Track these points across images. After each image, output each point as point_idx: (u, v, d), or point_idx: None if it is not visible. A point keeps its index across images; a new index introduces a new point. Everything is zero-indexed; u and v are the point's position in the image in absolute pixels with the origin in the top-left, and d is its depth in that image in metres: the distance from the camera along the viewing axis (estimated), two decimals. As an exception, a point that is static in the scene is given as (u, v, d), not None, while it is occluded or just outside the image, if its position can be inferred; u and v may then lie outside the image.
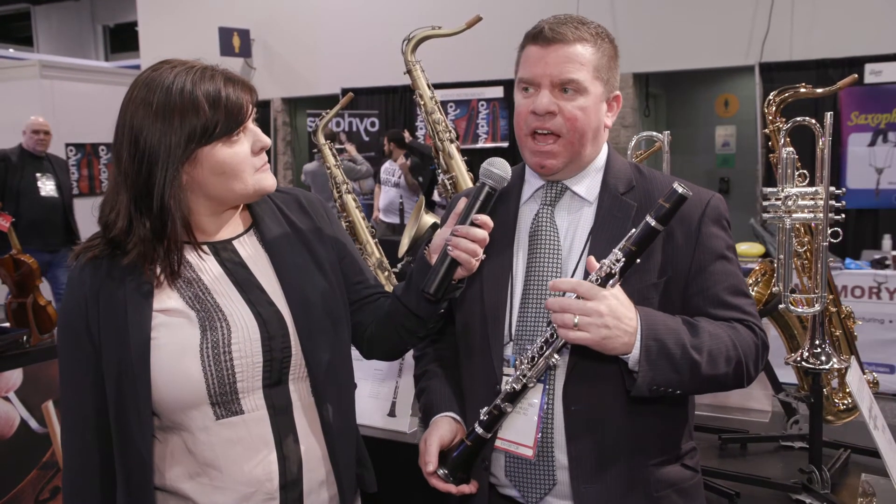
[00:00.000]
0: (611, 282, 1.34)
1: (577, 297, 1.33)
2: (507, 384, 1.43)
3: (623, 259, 1.34)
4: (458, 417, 1.57)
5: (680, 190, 1.32)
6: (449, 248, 1.39)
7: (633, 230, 1.36)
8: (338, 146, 8.14)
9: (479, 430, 1.46)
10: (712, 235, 1.48)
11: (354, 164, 8.20)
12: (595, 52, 1.46)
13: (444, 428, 1.54)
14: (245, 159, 1.38)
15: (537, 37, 1.47)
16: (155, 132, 1.32)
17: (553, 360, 1.39)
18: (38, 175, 6.44)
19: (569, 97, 1.45)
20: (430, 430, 1.55)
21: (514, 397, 1.43)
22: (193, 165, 1.35)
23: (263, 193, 1.45)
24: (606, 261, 1.35)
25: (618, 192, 1.51)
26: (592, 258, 1.37)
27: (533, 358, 1.40)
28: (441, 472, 1.49)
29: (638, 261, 1.36)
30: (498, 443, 1.49)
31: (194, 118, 1.32)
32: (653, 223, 1.34)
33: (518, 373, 1.41)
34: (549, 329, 1.39)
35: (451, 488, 1.49)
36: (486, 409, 1.45)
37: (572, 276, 1.48)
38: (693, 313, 1.46)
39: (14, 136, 8.56)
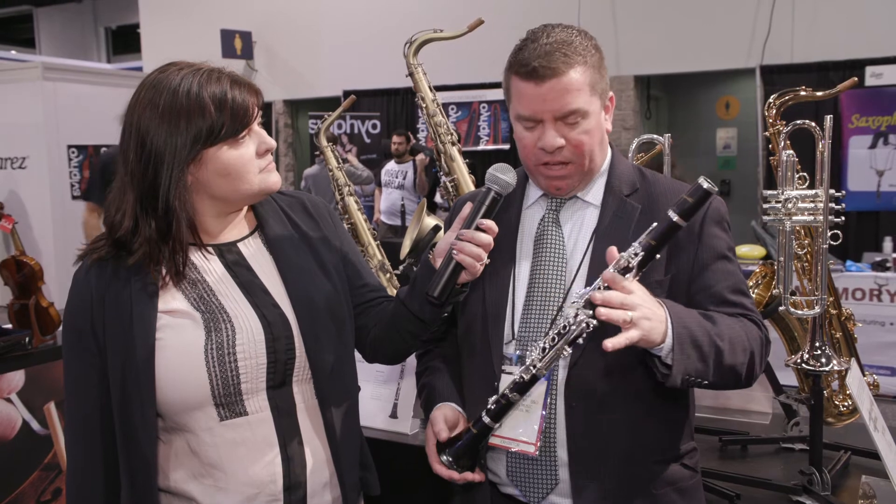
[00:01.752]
0: (628, 276, 1.32)
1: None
2: (516, 374, 1.42)
3: (642, 253, 1.32)
4: (459, 409, 1.58)
5: (705, 185, 1.30)
6: (454, 252, 1.40)
7: (655, 224, 1.34)
8: (341, 157, 8.13)
9: (485, 419, 1.45)
10: (714, 236, 1.49)
11: (355, 170, 8.20)
12: (586, 69, 1.44)
13: (448, 409, 1.55)
14: (250, 161, 1.39)
15: (530, 74, 1.43)
16: (161, 133, 1.33)
17: (565, 352, 1.37)
18: None
19: (572, 125, 1.44)
20: (434, 411, 1.56)
21: (524, 388, 1.42)
22: (199, 167, 1.36)
23: (269, 192, 1.45)
24: (625, 254, 1.33)
25: (622, 194, 1.52)
26: (614, 248, 1.35)
27: (544, 349, 1.38)
28: (446, 459, 1.49)
29: (658, 256, 1.34)
30: (498, 441, 1.49)
31: (200, 120, 1.33)
32: (675, 218, 1.31)
33: (528, 363, 1.41)
34: (561, 321, 1.37)
35: (455, 475, 1.49)
36: (494, 398, 1.45)
37: (575, 277, 1.49)
38: None
39: (16, 137, 8.58)
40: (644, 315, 1.29)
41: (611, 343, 1.27)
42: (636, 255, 1.33)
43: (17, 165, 8.68)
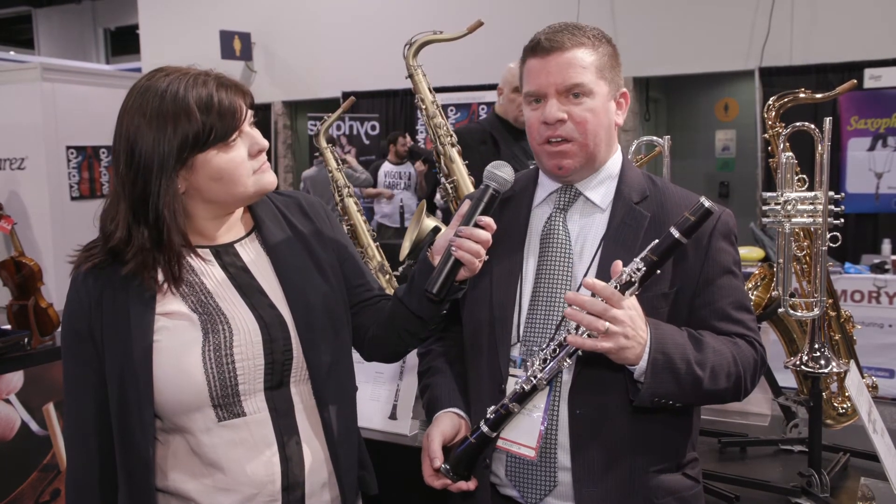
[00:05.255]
0: (629, 290, 1.35)
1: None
2: (516, 384, 1.44)
3: (644, 268, 1.35)
4: (461, 413, 1.58)
5: (706, 204, 1.35)
6: (453, 248, 1.40)
7: (656, 241, 1.37)
8: (339, 158, 8.14)
9: (484, 428, 1.46)
10: (721, 250, 1.49)
11: (354, 172, 8.20)
12: (594, 53, 1.48)
13: (447, 423, 1.55)
14: (242, 163, 1.38)
15: (535, 49, 1.49)
16: (149, 141, 1.32)
17: (566, 363, 1.40)
18: (526, 161, 3.58)
19: (577, 101, 1.47)
20: (432, 426, 1.56)
21: (523, 398, 1.43)
22: (191, 172, 1.35)
23: (264, 192, 1.45)
24: (627, 269, 1.36)
25: (632, 201, 1.52)
26: (619, 262, 1.38)
27: (545, 360, 1.40)
28: (443, 467, 1.49)
29: (658, 272, 1.38)
30: (500, 443, 1.50)
31: (187, 125, 1.32)
32: (677, 235, 1.35)
33: (529, 373, 1.42)
34: (562, 332, 1.39)
35: (448, 483, 1.49)
36: (493, 407, 1.46)
37: (581, 284, 1.49)
38: (698, 325, 1.47)
39: (15, 138, 8.58)
40: (623, 332, 1.32)
41: (578, 341, 1.34)
42: (638, 270, 1.36)
43: (16, 166, 8.69)
